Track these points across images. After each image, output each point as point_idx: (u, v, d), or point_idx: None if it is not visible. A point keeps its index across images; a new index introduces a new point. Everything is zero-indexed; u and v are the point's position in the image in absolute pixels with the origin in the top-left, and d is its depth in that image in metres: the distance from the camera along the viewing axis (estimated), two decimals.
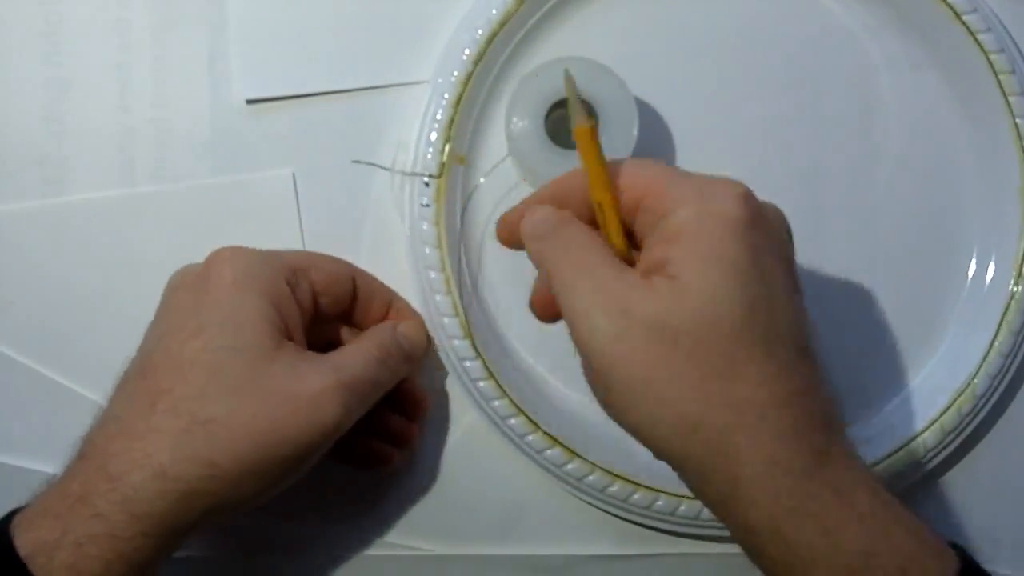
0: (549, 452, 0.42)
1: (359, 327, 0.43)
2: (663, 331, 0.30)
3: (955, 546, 0.32)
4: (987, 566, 0.45)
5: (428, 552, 0.45)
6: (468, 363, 0.42)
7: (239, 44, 0.44)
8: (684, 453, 0.31)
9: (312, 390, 0.35)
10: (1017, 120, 0.43)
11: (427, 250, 0.42)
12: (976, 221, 0.46)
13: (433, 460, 0.45)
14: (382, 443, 0.42)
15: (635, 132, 0.41)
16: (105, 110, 0.44)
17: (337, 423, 0.36)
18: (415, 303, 0.44)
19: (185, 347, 0.35)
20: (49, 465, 0.43)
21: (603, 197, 0.34)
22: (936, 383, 0.45)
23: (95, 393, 0.44)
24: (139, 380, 0.35)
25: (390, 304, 0.43)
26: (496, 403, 0.42)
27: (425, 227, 0.42)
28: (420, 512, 0.45)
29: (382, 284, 0.43)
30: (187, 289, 0.37)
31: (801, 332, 0.32)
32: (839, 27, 0.45)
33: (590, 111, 0.41)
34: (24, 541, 0.32)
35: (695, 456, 0.31)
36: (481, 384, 0.42)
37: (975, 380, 0.44)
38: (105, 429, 0.35)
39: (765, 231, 0.32)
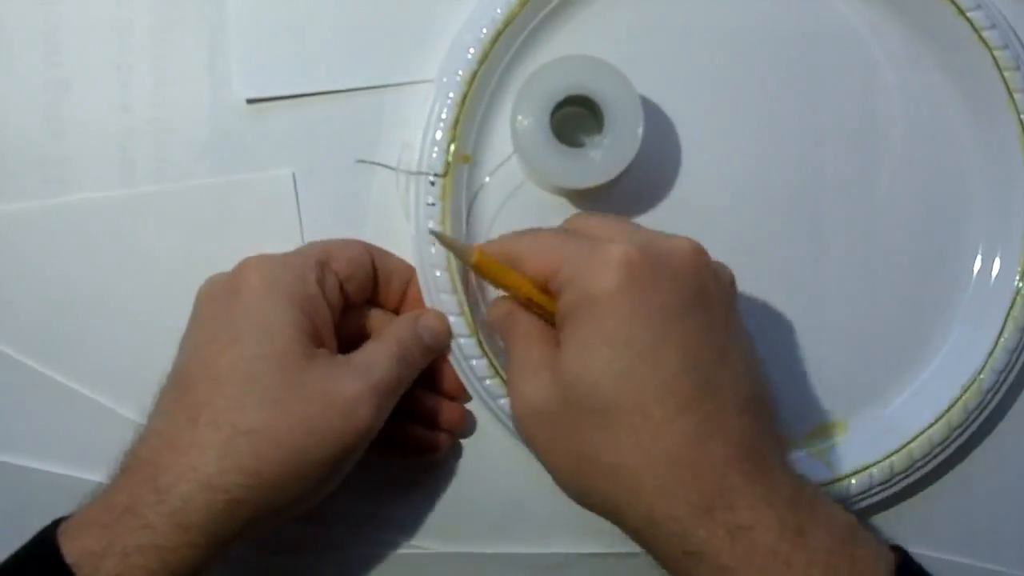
0: None
1: (383, 306, 0.43)
2: (543, 416, 0.35)
3: (896, 548, 0.33)
4: (991, 565, 0.45)
5: (428, 550, 0.45)
6: (475, 361, 0.42)
7: (239, 44, 0.44)
8: (599, 515, 0.35)
9: (346, 395, 0.36)
10: (1021, 116, 0.43)
11: (432, 249, 0.42)
12: (981, 217, 0.46)
13: (432, 460, 0.45)
14: (428, 430, 0.43)
15: (640, 131, 0.41)
16: (105, 110, 0.44)
17: (370, 425, 0.37)
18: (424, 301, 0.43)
19: (220, 359, 0.36)
20: (49, 465, 0.44)
21: (522, 295, 0.37)
22: (942, 379, 0.45)
23: (95, 393, 0.44)
24: (178, 394, 0.36)
25: (410, 280, 0.43)
26: (503, 401, 0.42)
27: (431, 225, 0.42)
28: (420, 510, 0.45)
29: (399, 260, 0.43)
30: (217, 300, 0.38)
31: (688, 383, 0.33)
32: (843, 24, 0.45)
33: (594, 109, 0.41)
34: (70, 549, 0.33)
35: (602, 516, 0.35)
36: (488, 382, 0.42)
37: (981, 376, 0.44)
38: (150, 443, 0.35)
39: (648, 290, 0.34)
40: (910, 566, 0.33)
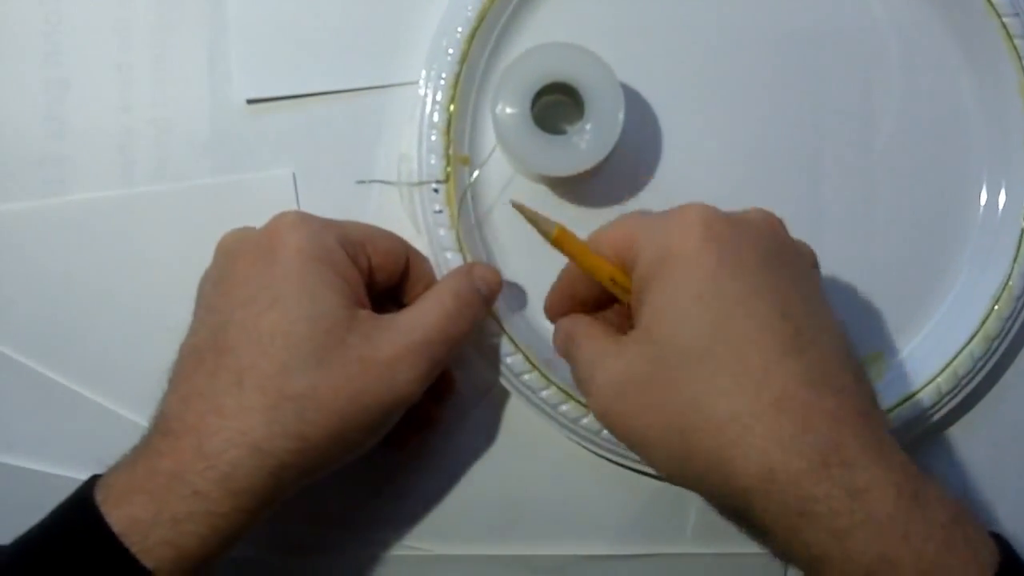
0: (584, 420, 0.42)
1: (403, 304, 0.42)
2: (633, 384, 0.33)
3: (996, 536, 0.31)
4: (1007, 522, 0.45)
5: (428, 552, 0.45)
6: (509, 359, 0.42)
7: (239, 44, 0.44)
8: (698, 485, 0.33)
9: (385, 357, 0.36)
10: (1006, 20, 0.43)
11: (448, 255, 0.42)
12: (983, 151, 0.46)
13: (433, 460, 0.45)
14: (400, 426, 0.42)
15: (621, 116, 0.41)
16: (105, 110, 0.44)
17: (412, 387, 0.36)
18: None
19: (261, 320, 0.35)
20: (49, 465, 0.44)
21: (604, 276, 0.37)
22: (959, 313, 0.45)
23: (95, 393, 0.44)
24: (219, 356, 0.35)
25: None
26: (544, 393, 0.42)
27: (442, 232, 0.42)
28: (420, 512, 0.45)
29: (431, 267, 0.43)
30: (252, 259, 0.37)
31: (786, 329, 0.32)
32: None
33: (574, 96, 0.41)
34: (117, 518, 0.32)
35: (705, 482, 0.32)
36: (526, 377, 0.42)
37: (997, 306, 0.44)
38: (193, 406, 0.34)
39: (731, 246, 0.33)
40: (1013, 553, 0.31)
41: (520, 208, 0.38)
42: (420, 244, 0.43)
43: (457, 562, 0.45)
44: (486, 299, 0.40)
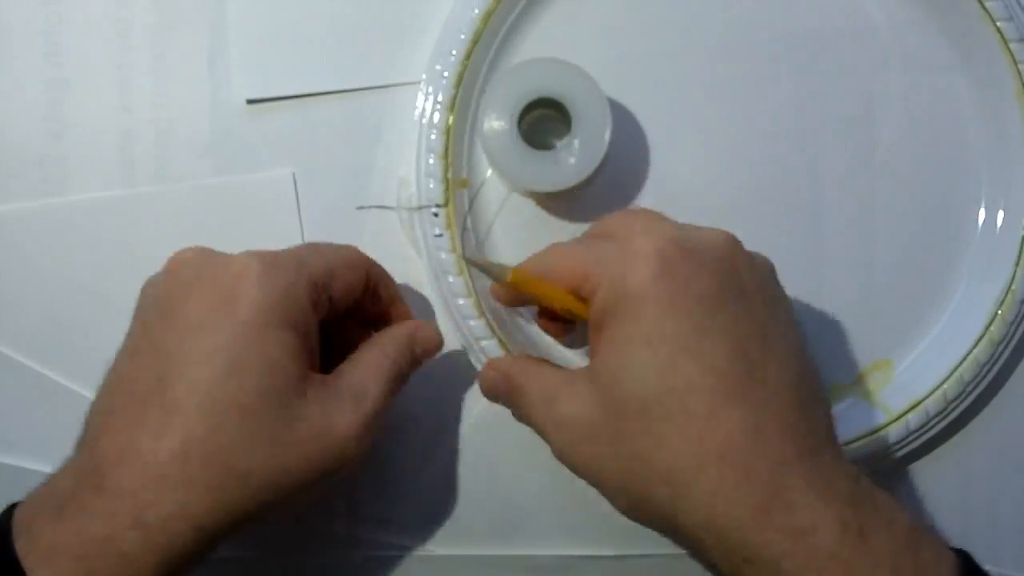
0: None
1: (363, 310, 0.41)
2: (587, 430, 0.34)
3: (960, 552, 0.32)
4: (991, 534, 0.45)
5: (428, 552, 0.45)
6: (484, 342, 0.42)
7: (239, 44, 0.44)
8: (653, 527, 0.34)
9: (341, 430, 0.35)
10: (1018, 64, 0.43)
11: (451, 279, 0.42)
12: (982, 169, 0.46)
13: (433, 461, 0.45)
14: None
15: (608, 133, 0.41)
16: (105, 110, 0.44)
17: (358, 455, 0.36)
18: (447, 330, 0.42)
19: (214, 388, 0.33)
20: (49, 465, 0.43)
21: (563, 304, 0.36)
22: (954, 330, 0.45)
23: (95, 393, 0.44)
24: (166, 415, 0.33)
25: (395, 297, 0.42)
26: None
27: (443, 256, 0.42)
28: (420, 512, 0.45)
29: (390, 278, 0.42)
30: (208, 301, 0.35)
31: (734, 371, 0.32)
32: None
33: (562, 111, 0.41)
34: None
35: (659, 526, 0.33)
36: (484, 342, 0.42)
37: (1000, 311, 0.44)
38: (131, 464, 0.33)
39: (683, 281, 0.33)
40: (973, 571, 0.31)
41: (473, 261, 0.39)
42: (420, 268, 0.43)
43: (458, 562, 0.45)
44: (419, 360, 0.40)
